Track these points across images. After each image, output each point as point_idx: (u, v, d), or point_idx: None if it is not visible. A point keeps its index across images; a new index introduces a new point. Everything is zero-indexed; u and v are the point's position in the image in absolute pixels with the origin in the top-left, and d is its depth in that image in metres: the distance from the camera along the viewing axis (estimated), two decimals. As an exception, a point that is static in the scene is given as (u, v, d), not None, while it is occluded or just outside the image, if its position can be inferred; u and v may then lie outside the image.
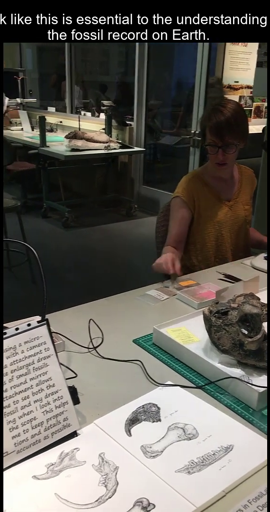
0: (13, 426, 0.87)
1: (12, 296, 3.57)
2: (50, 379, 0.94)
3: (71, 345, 1.24)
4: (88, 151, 5.02)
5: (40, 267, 0.99)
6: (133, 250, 4.80)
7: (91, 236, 5.04)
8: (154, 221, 2.28)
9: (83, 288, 3.59)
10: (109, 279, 3.87)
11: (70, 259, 4.20)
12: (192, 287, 1.56)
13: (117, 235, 5.10)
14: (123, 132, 5.76)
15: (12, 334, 0.91)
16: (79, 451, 0.89)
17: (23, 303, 3.37)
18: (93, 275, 4.00)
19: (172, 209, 1.99)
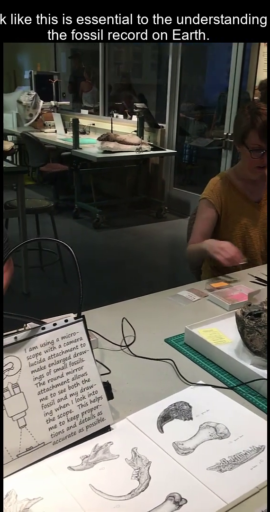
0: (50, 418, 0.90)
1: (44, 295, 3.65)
2: (86, 374, 0.96)
3: (104, 343, 1.27)
4: (120, 153, 5.06)
5: (76, 265, 1.01)
6: (162, 251, 4.82)
7: (121, 237, 5.08)
8: (184, 223, 2.30)
9: (113, 288, 3.63)
10: (139, 279, 3.90)
11: (100, 260, 4.25)
12: (224, 288, 1.57)
13: (147, 236, 5.12)
14: (154, 134, 5.78)
15: (50, 329, 0.94)
16: (112, 445, 0.92)
17: (54, 302, 3.44)
18: (123, 275, 4.03)
19: (199, 210, 2.00)
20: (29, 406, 0.88)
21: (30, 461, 0.86)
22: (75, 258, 1.02)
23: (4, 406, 0.86)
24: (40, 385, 0.91)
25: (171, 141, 5.77)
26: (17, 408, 0.87)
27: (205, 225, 1.96)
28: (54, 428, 0.90)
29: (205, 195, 1.98)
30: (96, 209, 5.34)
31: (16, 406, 0.87)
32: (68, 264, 3.80)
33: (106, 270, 4.06)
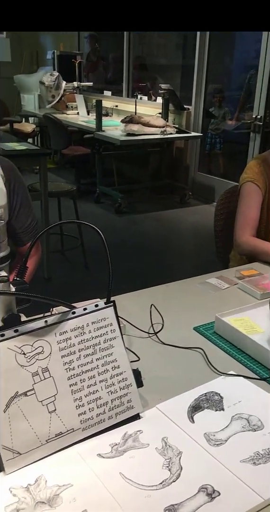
0: (80, 404, 0.89)
1: (65, 280, 3.65)
2: (115, 361, 0.94)
3: (132, 329, 1.25)
4: (143, 135, 4.99)
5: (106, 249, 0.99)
6: (186, 238, 4.77)
7: (144, 222, 5.04)
8: (208, 209, 2.26)
9: (136, 274, 3.61)
10: (162, 266, 3.87)
11: (122, 246, 4.22)
12: (254, 277, 1.53)
13: (170, 222, 5.07)
14: (180, 116, 5.68)
15: (81, 314, 0.93)
16: (142, 433, 0.90)
17: (75, 287, 3.44)
18: (146, 262, 4.00)
19: (245, 194, 1.89)
20: (58, 391, 0.87)
21: (59, 446, 0.85)
22: (105, 242, 1.00)
23: (34, 390, 0.85)
24: (70, 370, 0.89)
25: (196, 124, 5.66)
26: (47, 392, 0.86)
27: (255, 212, 1.86)
28: (84, 414, 0.89)
29: (250, 178, 1.88)
30: (118, 193, 5.30)
31: (46, 390, 0.86)
32: (90, 249, 3.79)
33: (128, 256, 4.03)
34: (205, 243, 2.17)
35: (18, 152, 3.42)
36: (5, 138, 3.98)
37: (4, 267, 0.93)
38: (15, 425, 0.82)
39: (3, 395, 0.82)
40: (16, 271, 0.97)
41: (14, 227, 1.34)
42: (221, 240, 2.17)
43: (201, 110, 5.64)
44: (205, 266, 1.83)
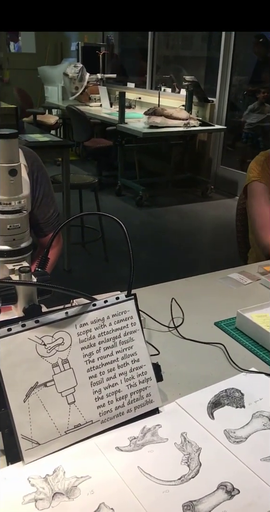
0: (99, 396, 0.88)
1: (85, 272, 3.66)
2: (135, 354, 0.94)
3: (152, 323, 1.24)
4: (166, 128, 4.95)
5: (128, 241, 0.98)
6: (207, 232, 4.73)
7: (165, 216, 5.02)
8: (231, 203, 2.23)
9: (156, 268, 3.60)
10: (182, 260, 3.85)
11: (143, 239, 4.22)
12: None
13: (191, 216, 5.04)
14: (203, 108, 5.62)
15: (101, 306, 0.92)
16: (161, 428, 0.89)
17: (95, 280, 3.45)
18: (166, 255, 3.99)
19: (256, 194, 1.88)
20: (78, 383, 0.87)
21: (78, 438, 0.85)
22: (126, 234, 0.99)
23: (54, 381, 0.85)
24: (90, 363, 0.89)
25: (221, 117, 5.59)
26: (66, 384, 0.86)
27: (269, 210, 1.83)
28: (103, 406, 0.88)
29: (255, 177, 1.87)
30: (139, 186, 5.28)
31: (66, 382, 0.86)
32: (110, 242, 3.79)
33: (149, 249, 4.02)
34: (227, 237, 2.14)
35: (41, 143, 3.43)
36: (29, 130, 4.00)
37: (26, 258, 0.93)
38: (35, 415, 0.82)
39: (23, 385, 0.82)
40: (37, 262, 0.97)
41: (36, 217, 1.34)
42: (243, 234, 2.14)
43: (225, 102, 5.56)
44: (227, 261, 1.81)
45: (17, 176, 0.85)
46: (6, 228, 0.88)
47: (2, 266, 0.91)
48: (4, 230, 0.88)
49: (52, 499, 0.74)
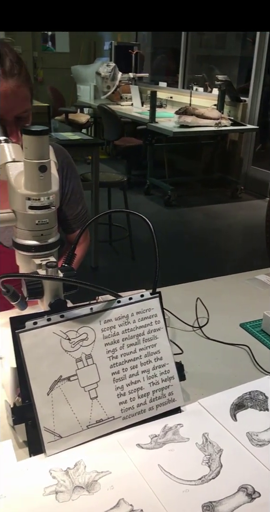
0: (121, 393, 0.89)
1: (111, 270, 3.68)
2: (159, 352, 0.94)
3: (176, 322, 1.24)
4: (197, 127, 4.92)
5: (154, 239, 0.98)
6: (236, 233, 4.67)
7: (193, 216, 4.99)
8: (261, 204, 2.20)
9: (183, 267, 3.59)
10: (210, 260, 3.82)
11: (170, 238, 4.21)
12: None
13: (220, 216, 4.99)
14: (236, 108, 5.56)
15: (126, 303, 0.92)
16: (182, 427, 0.89)
17: (121, 277, 3.47)
18: (193, 255, 3.97)
19: None
20: (101, 379, 0.88)
21: (99, 433, 0.86)
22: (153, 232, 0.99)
23: (77, 376, 0.86)
24: (113, 359, 0.89)
25: (253, 117, 5.52)
26: (89, 379, 0.87)
27: None
28: (125, 403, 0.89)
29: None
30: (168, 185, 5.27)
31: (89, 377, 0.87)
32: (137, 241, 3.80)
33: (176, 248, 4.01)
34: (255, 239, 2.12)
35: (72, 141, 3.46)
36: (60, 128, 4.05)
37: (53, 253, 0.94)
38: (58, 409, 0.83)
39: (47, 378, 0.83)
40: (64, 257, 0.98)
41: (65, 213, 1.36)
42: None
43: (258, 102, 5.48)
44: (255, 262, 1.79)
45: (46, 172, 0.86)
46: (35, 224, 0.90)
47: (29, 261, 0.93)
48: (33, 225, 0.90)
49: (72, 492, 0.75)
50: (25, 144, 0.84)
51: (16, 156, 0.92)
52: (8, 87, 1.05)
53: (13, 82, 1.06)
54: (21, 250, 0.92)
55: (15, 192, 0.88)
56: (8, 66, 1.05)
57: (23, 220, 0.90)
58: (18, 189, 0.87)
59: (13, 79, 1.06)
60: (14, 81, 1.06)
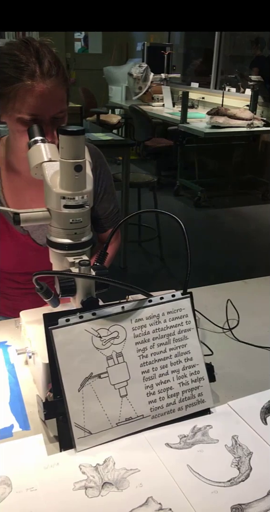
0: (150, 392, 0.89)
1: (140, 270, 3.69)
2: (189, 353, 0.94)
3: (206, 323, 1.23)
4: (229, 128, 4.87)
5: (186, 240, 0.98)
6: (267, 235, 4.61)
7: (223, 217, 4.95)
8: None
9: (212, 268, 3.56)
10: (239, 262, 3.78)
11: (200, 239, 4.18)
12: None
13: (250, 218, 4.93)
14: (268, 109, 5.47)
15: (157, 303, 0.93)
16: (211, 428, 0.89)
17: (150, 278, 3.47)
18: (222, 257, 3.93)
19: None
20: (131, 377, 0.88)
21: (129, 431, 0.87)
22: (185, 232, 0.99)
23: (108, 373, 0.87)
24: (143, 358, 0.90)
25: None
26: (119, 377, 0.87)
27: None
28: (154, 402, 0.89)
29: None
30: (198, 187, 5.24)
31: (119, 375, 0.87)
32: (166, 242, 3.79)
33: (205, 250, 3.99)
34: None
35: (103, 142, 3.49)
36: (91, 129, 4.09)
37: (86, 252, 0.95)
38: (88, 405, 0.84)
39: (78, 375, 0.85)
40: (96, 256, 1.00)
41: (97, 212, 1.37)
42: None
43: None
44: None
45: (82, 172, 0.87)
46: (69, 222, 0.91)
47: (62, 259, 0.94)
48: (67, 224, 0.91)
49: (101, 488, 0.76)
50: (61, 144, 0.85)
51: (52, 156, 0.94)
52: (45, 87, 1.06)
53: (50, 82, 1.07)
54: (55, 248, 0.94)
55: (50, 191, 0.90)
56: (47, 67, 1.07)
57: (58, 219, 0.91)
58: (54, 188, 0.89)
59: (51, 79, 1.07)
60: (52, 82, 1.07)
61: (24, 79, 1.06)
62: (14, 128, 1.12)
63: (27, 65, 1.06)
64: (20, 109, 1.07)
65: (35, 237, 1.29)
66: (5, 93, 1.08)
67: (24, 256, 1.29)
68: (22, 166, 1.20)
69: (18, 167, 1.23)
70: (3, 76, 1.08)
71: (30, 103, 1.06)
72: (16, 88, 1.06)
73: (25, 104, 1.06)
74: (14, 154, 1.21)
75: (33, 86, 1.06)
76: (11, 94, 1.07)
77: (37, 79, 1.06)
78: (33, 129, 1.01)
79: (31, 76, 1.06)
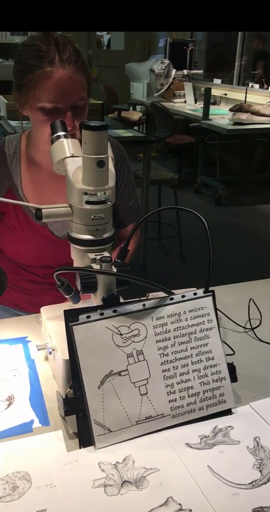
0: (171, 391, 0.88)
1: (160, 268, 3.67)
2: (210, 352, 0.93)
3: (227, 322, 1.22)
4: (252, 125, 4.81)
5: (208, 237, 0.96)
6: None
7: (244, 215, 4.89)
8: None
9: (232, 267, 3.52)
10: (261, 262, 3.73)
11: (220, 237, 4.14)
12: None
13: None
14: (293, 105, 5.38)
15: (178, 301, 0.92)
16: (233, 429, 0.87)
17: (170, 276, 3.45)
18: (244, 256, 3.89)
19: None
20: (151, 375, 0.87)
21: (149, 430, 0.86)
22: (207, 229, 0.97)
23: (128, 371, 0.86)
24: (164, 356, 0.89)
25: None
26: (140, 375, 0.87)
27: None
28: (174, 401, 0.88)
29: None
30: (219, 184, 5.19)
31: (139, 373, 0.87)
32: (185, 239, 3.76)
33: (226, 248, 3.95)
34: None
35: (125, 139, 3.48)
36: (113, 126, 4.08)
37: (107, 248, 0.95)
38: (108, 403, 0.84)
39: (98, 372, 0.84)
40: (117, 252, 0.99)
41: (117, 208, 1.37)
42: None
43: None
44: None
45: (104, 168, 0.86)
46: (90, 218, 0.90)
47: (84, 255, 0.94)
48: (88, 220, 0.91)
49: (121, 486, 0.76)
50: (84, 139, 0.85)
51: (75, 152, 0.93)
52: (65, 73, 1.07)
53: (70, 68, 1.08)
54: (76, 244, 0.93)
55: (72, 186, 0.89)
56: (66, 54, 1.08)
57: (79, 215, 0.91)
58: (76, 184, 0.89)
59: (70, 65, 1.08)
60: (71, 68, 1.08)
61: (44, 66, 1.07)
62: (36, 119, 1.13)
63: (47, 53, 1.07)
64: (39, 97, 1.08)
65: (53, 229, 1.29)
66: (26, 82, 1.09)
67: (42, 249, 1.29)
68: (44, 159, 1.21)
69: (39, 160, 1.24)
70: (24, 66, 1.09)
71: (50, 90, 1.07)
72: (36, 76, 1.07)
73: (44, 91, 1.07)
74: (36, 147, 1.22)
75: (52, 72, 1.07)
76: (32, 83, 1.08)
77: (56, 65, 1.07)
78: (56, 124, 1.01)
79: (51, 62, 1.07)
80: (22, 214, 1.25)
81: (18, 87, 1.13)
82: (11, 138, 1.28)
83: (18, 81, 1.12)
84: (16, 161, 1.25)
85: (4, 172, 1.24)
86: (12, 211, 1.24)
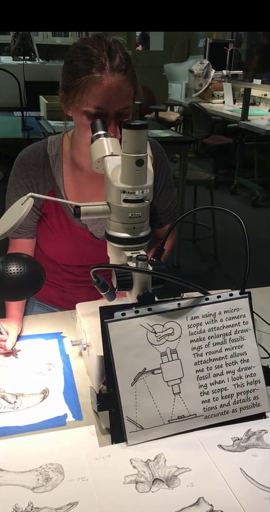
0: (204, 391, 0.88)
1: (193, 269, 3.64)
2: (245, 354, 0.92)
3: (262, 325, 1.20)
4: (292, 126, 4.71)
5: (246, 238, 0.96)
6: None
7: (282, 218, 4.79)
8: None
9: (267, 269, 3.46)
10: None
11: (256, 240, 4.07)
12: None
13: None
14: None
15: (214, 301, 0.91)
16: (266, 433, 0.86)
17: (203, 277, 3.42)
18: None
19: None
20: (184, 375, 0.87)
21: (181, 429, 0.86)
22: (245, 230, 0.96)
23: (161, 370, 0.86)
24: (198, 356, 0.89)
25: None
26: (173, 374, 0.87)
27: None
28: (207, 402, 0.88)
29: None
30: (256, 186, 5.11)
31: (173, 372, 0.87)
32: (220, 241, 3.72)
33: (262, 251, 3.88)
34: None
35: (162, 139, 3.48)
36: (150, 126, 4.08)
37: (143, 246, 0.95)
38: (141, 400, 0.84)
39: (132, 369, 0.85)
40: (152, 251, 0.99)
41: (155, 207, 1.37)
42: None
43: None
44: None
45: (143, 167, 0.87)
46: (128, 217, 0.91)
47: (120, 253, 0.95)
48: (126, 218, 0.91)
49: (152, 484, 0.76)
50: (124, 138, 0.86)
51: (114, 150, 0.94)
52: (113, 81, 1.07)
53: (119, 77, 1.08)
54: (113, 242, 0.94)
55: (111, 185, 0.90)
56: (117, 62, 1.08)
57: (117, 213, 0.92)
58: (114, 182, 0.89)
59: (120, 74, 1.08)
60: (120, 77, 1.08)
61: (94, 71, 1.07)
62: (80, 122, 1.13)
63: (98, 58, 1.07)
64: (86, 101, 1.09)
65: (93, 230, 1.30)
66: (74, 85, 1.10)
67: (82, 250, 1.30)
68: (85, 160, 1.22)
69: (81, 162, 1.25)
70: (74, 68, 1.10)
71: (97, 96, 1.07)
72: (84, 80, 1.08)
73: (92, 96, 1.08)
74: (78, 149, 1.23)
75: (102, 79, 1.07)
76: (80, 86, 1.09)
77: (106, 72, 1.07)
78: (96, 124, 1.02)
79: (101, 69, 1.07)
80: (63, 215, 1.27)
81: (66, 88, 1.13)
82: (53, 139, 1.30)
83: (66, 83, 1.13)
84: (59, 162, 1.26)
85: (47, 173, 1.26)
86: (54, 212, 1.26)
